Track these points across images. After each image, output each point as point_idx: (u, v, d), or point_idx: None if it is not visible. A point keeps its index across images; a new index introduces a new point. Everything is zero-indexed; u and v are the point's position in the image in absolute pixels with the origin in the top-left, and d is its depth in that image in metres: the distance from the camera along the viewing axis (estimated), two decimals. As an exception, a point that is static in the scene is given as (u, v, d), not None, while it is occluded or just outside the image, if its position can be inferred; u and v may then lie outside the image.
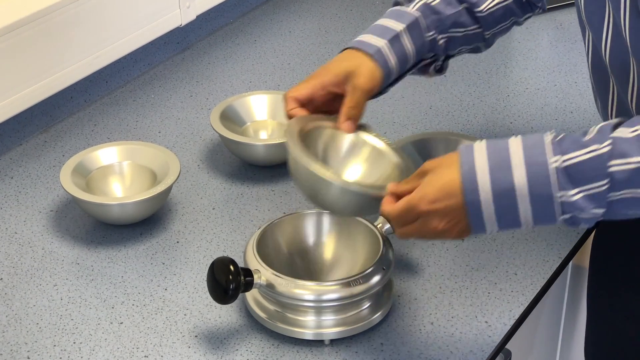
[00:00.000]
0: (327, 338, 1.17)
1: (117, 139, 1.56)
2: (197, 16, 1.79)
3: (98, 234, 1.36)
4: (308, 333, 1.16)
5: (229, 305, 1.22)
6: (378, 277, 1.16)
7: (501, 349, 1.20)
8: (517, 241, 1.34)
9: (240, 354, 1.16)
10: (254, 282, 1.14)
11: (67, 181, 1.34)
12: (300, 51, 1.82)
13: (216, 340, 1.18)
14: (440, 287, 1.26)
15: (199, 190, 1.45)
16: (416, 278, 1.28)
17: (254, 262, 1.17)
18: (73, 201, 1.40)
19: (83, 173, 1.38)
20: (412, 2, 1.25)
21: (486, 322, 1.21)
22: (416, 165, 1.14)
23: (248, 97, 1.54)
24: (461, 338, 1.18)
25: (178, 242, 1.34)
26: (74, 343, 1.18)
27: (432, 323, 1.21)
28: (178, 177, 1.36)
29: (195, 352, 1.16)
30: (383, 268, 1.17)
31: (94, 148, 1.42)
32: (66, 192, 1.35)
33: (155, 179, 1.38)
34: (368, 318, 1.18)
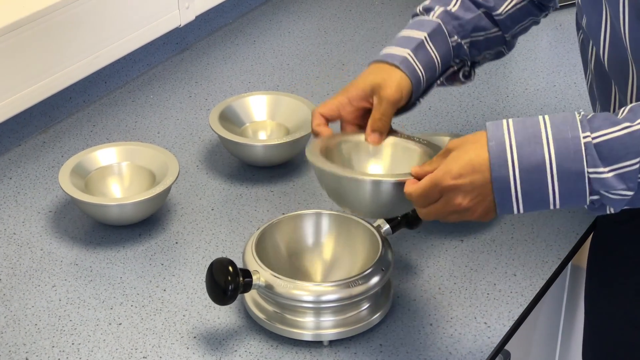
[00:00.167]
0: (326, 339, 1.17)
1: (116, 140, 1.56)
2: (196, 17, 1.79)
3: (97, 235, 1.35)
4: (307, 334, 1.16)
5: (228, 306, 1.22)
6: (377, 278, 1.16)
7: (500, 350, 1.20)
8: (516, 242, 1.34)
9: (239, 355, 1.16)
10: (253, 283, 1.14)
11: (66, 182, 1.34)
12: (299, 52, 1.82)
13: (215, 341, 1.18)
14: (439, 288, 1.26)
15: (198, 191, 1.45)
16: (415, 279, 1.28)
17: (253, 263, 1.17)
18: (72, 202, 1.40)
19: (82, 174, 1.38)
20: (432, 11, 1.25)
21: (485, 323, 1.21)
22: None
23: (247, 98, 1.54)
24: (460, 339, 1.18)
25: (177, 243, 1.34)
26: (73, 344, 1.18)
27: (431, 324, 1.20)
28: (177, 178, 1.36)
29: (194, 353, 1.16)
30: (382, 269, 1.17)
31: (93, 149, 1.42)
32: (65, 193, 1.35)
33: (154, 180, 1.38)
34: (367, 319, 1.18)
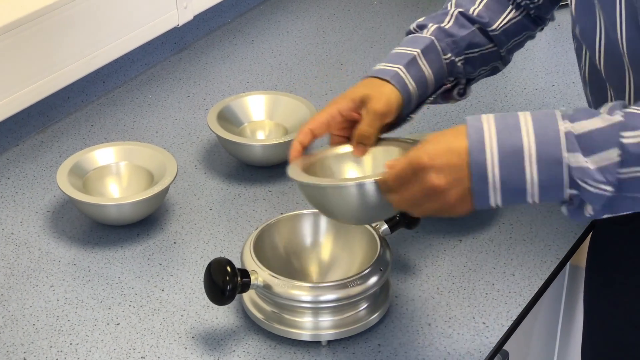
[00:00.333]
0: (324, 339, 1.16)
1: (114, 140, 1.56)
2: (195, 16, 1.79)
3: (95, 235, 1.35)
4: (305, 334, 1.16)
5: (226, 306, 1.21)
6: (375, 278, 1.16)
7: (499, 350, 1.19)
8: (515, 242, 1.34)
9: (237, 355, 1.16)
10: (251, 283, 1.14)
11: (64, 182, 1.34)
12: (297, 51, 1.82)
13: (213, 341, 1.18)
14: (437, 288, 1.26)
15: (196, 190, 1.44)
16: (414, 279, 1.28)
17: (251, 263, 1.16)
18: (70, 202, 1.40)
19: (80, 174, 1.38)
20: (425, 28, 1.25)
21: (484, 323, 1.21)
22: None
23: (245, 98, 1.54)
24: (459, 339, 1.18)
25: (175, 243, 1.34)
26: (71, 344, 1.18)
27: (430, 324, 1.20)
28: (175, 178, 1.36)
29: (192, 354, 1.16)
30: (380, 269, 1.17)
31: (91, 148, 1.42)
32: (63, 193, 1.35)
33: (152, 180, 1.38)
34: (365, 319, 1.18)
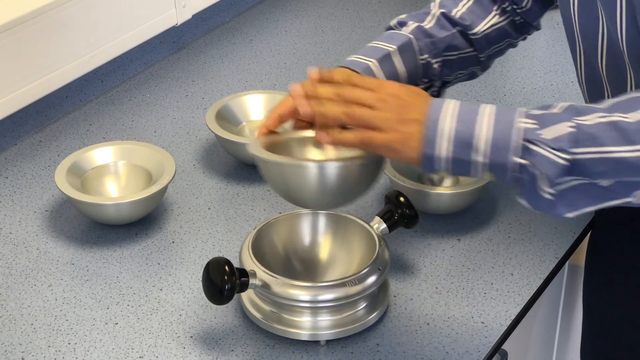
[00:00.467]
0: (323, 339, 1.16)
1: (113, 139, 1.56)
2: (193, 15, 1.79)
3: (93, 234, 1.35)
4: (304, 334, 1.16)
5: (225, 305, 1.21)
6: (374, 278, 1.16)
7: (497, 350, 1.19)
8: (514, 241, 1.34)
9: (235, 355, 1.16)
10: (250, 283, 1.14)
11: (62, 181, 1.34)
12: (296, 51, 1.82)
13: (211, 341, 1.18)
14: (436, 288, 1.26)
15: (195, 190, 1.44)
16: (412, 278, 1.27)
17: (250, 263, 1.16)
18: (68, 201, 1.39)
19: (78, 173, 1.38)
20: (405, 26, 1.24)
21: (482, 323, 1.21)
22: None
23: (244, 97, 1.53)
24: (457, 338, 1.18)
25: (173, 242, 1.34)
26: (69, 344, 1.18)
27: (428, 323, 1.20)
28: (173, 177, 1.36)
29: (190, 353, 1.16)
30: (379, 268, 1.17)
31: (89, 148, 1.41)
32: (61, 192, 1.35)
33: (150, 179, 1.38)
34: (364, 319, 1.18)
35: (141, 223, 1.37)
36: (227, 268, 1.12)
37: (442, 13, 1.25)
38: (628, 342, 1.31)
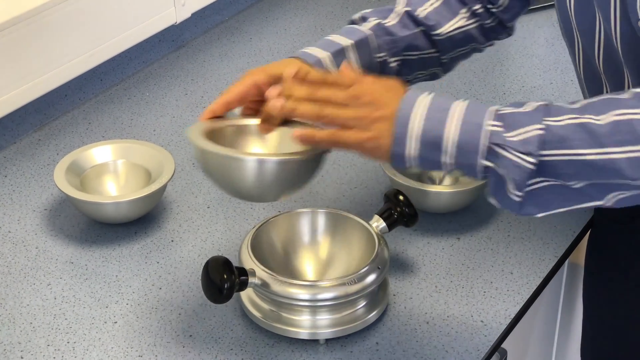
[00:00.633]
0: (323, 337, 1.16)
1: (112, 138, 1.56)
2: (192, 14, 1.78)
3: (92, 233, 1.35)
4: (303, 332, 1.16)
5: (224, 304, 1.21)
6: (373, 277, 1.16)
7: (497, 348, 1.19)
8: (513, 240, 1.34)
9: (235, 354, 1.15)
10: (249, 282, 1.14)
11: (61, 180, 1.34)
12: (295, 49, 1.81)
13: (211, 339, 1.18)
14: (435, 286, 1.26)
15: (194, 189, 1.44)
16: (412, 277, 1.27)
17: (249, 261, 1.16)
18: (67, 200, 1.39)
19: (77, 172, 1.38)
20: (366, 21, 1.22)
21: (482, 321, 1.20)
22: None
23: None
24: (457, 337, 1.18)
25: (172, 241, 1.34)
26: (68, 342, 1.17)
27: (428, 322, 1.20)
28: (173, 176, 1.36)
29: (189, 352, 1.16)
30: (378, 267, 1.17)
31: (89, 146, 1.41)
32: (60, 191, 1.34)
33: (149, 178, 1.38)
34: (363, 317, 1.17)
35: (140, 222, 1.36)
36: (227, 267, 1.12)
37: (407, 12, 1.23)
38: (628, 341, 1.31)
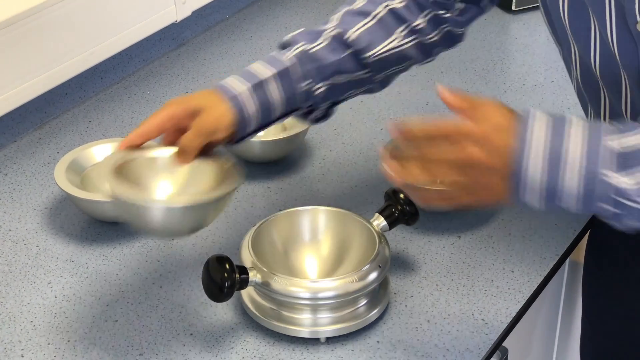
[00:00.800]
0: (323, 336, 1.16)
1: (112, 136, 1.56)
2: (193, 12, 1.78)
3: (93, 232, 1.35)
4: (304, 331, 1.16)
5: (224, 303, 1.21)
6: (374, 275, 1.16)
7: (498, 347, 1.19)
8: (514, 238, 1.33)
9: (235, 352, 1.15)
10: (249, 280, 1.14)
11: (62, 178, 1.34)
12: (296, 47, 1.81)
13: (211, 338, 1.18)
14: (436, 285, 1.26)
15: (195, 187, 1.44)
16: (412, 275, 1.27)
17: (249, 260, 1.16)
18: (67, 198, 1.39)
19: (78, 170, 1.38)
20: (291, 48, 1.19)
21: (483, 320, 1.20)
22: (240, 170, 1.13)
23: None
24: (458, 336, 1.18)
25: (173, 240, 1.33)
26: (69, 341, 1.17)
27: (429, 321, 1.20)
28: (173, 174, 1.36)
29: (190, 351, 1.16)
30: (379, 265, 1.17)
31: (89, 145, 1.41)
32: (61, 189, 1.34)
33: (150, 176, 1.38)
34: (364, 316, 1.17)
35: (141, 220, 1.36)
36: (227, 265, 1.12)
37: (336, 35, 1.20)
38: (628, 339, 1.31)
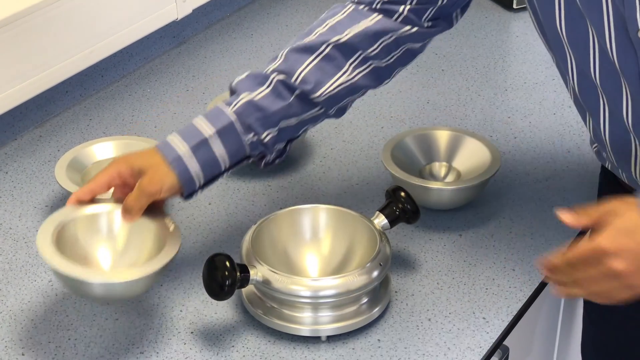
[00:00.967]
0: (324, 334, 1.16)
1: (113, 134, 1.56)
2: (193, 10, 1.78)
3: (93, 230, 1.35)
4: (305, 329, 1.16)
5: (225, 301, 1.21)
6: (375, 273, 1.16)
7: (499, 346, 1.19)
8: (515, 237, 1.33)
9: (236, 350, 1.15)
10: (250, 278, 1.13)
11: (62, 176, 1.34)
12: (297, 45, 1.81)
13: (212, 336, 1.17)
14: (437, 283, 1.26)
15: (195, 185, 1.44)
16: (413, 274, 1.27)
17: (250, 258, 1.16)
18: (68, 196, 1.39)
19: (78, 168, 1.38)
20: (237, 98, 1.19)
21: (484, 319, 1.20)
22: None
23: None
24: (459, 334, 1.18)
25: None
26: (69, 339, 1.17)
27: (430, 319, 1.20)
28: (174, 172, 1.35)
29: (191, 349, 1.16)
30: (380, 264, 1.16)
31: (90, 143, 1.41)
32: (61, 188, 1.34)
33: (151, 174, 1.37)
34: (365, 314, 1.17)
35: (142, 218, 1.36)
36: (228, 263, 1.12)
37: (281, 80, 1.20)
38: (628, 337, 1.31)
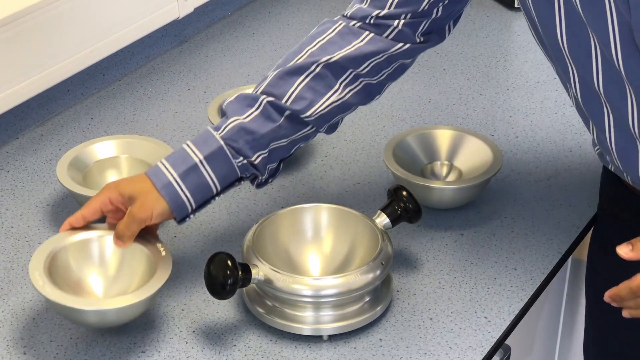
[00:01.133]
0: (326, 333, 1.16)
1: (114, 133, 1.56)
2: (195, 9, 1.78)
3: (95, 229, 1.35)
4: (306, 328, 1.16)
5: (227, 300, 1.21)
6: (377, 272, 1.16)
7: (500, 345, 1.19)
8: (517, 236, 1.33)
9: (238, 350, 1.15)
10: (252, 277, 1.13)
11: (64, 175, 1.34)
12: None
13: (214, 335, 1.17)
14: (439, 282, 1.26)
15: (197, 184, 1.44)
16: (415, 273, 1.27)
17: (252, 257, 1.16)
18: (70, 195, 1.39)
19: (80, 167, 1.38)
20: (225, 122, 1.19)
21: (485, 318, 1.20)
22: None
23: (246, 90, 1.52)
24: (460, 333, 1.18)
25: (175, 237, 1.33)
26: (71, 338, 1.17)
27: (431, 318, 1.20)
28: (175, 171, 1.35)
29: (192, 348, 1.16)
30: (382, 263, 1.16)
31: (91, 142, 1.41)
32: (63, 186, 1.34)
33: (152, 173, 1.37)
34: (367, 313, 1.17)
35: (143, 217, 1.36)
36: (230, 263, 1.11)
37: (271, 101, 1.19)
38: (630, 336, 1.31)
